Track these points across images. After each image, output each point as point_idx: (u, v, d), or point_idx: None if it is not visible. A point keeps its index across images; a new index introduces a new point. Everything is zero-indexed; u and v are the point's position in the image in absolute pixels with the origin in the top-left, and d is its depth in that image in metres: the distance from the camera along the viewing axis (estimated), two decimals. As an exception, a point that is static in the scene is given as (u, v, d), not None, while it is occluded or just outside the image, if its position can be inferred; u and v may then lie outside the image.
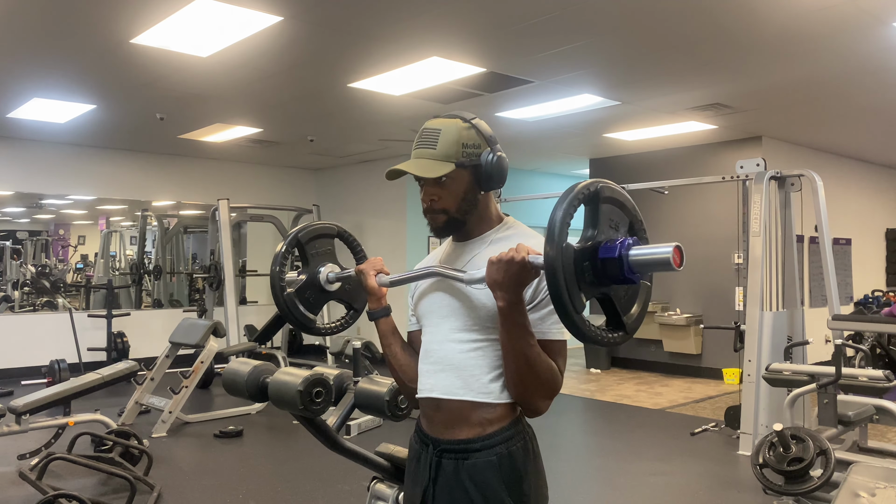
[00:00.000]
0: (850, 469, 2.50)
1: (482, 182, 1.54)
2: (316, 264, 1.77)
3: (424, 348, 1.61)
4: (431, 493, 1.55)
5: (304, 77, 5.50)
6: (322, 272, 1.77)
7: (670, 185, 6.21)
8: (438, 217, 1.55)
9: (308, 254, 1.76)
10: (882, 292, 9.51)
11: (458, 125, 1.52)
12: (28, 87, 5.81)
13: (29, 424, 4.42)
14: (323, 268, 1.77)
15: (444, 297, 1.57)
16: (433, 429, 1.57)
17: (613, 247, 1.25)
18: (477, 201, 1.56)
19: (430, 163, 1.50)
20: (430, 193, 1.54)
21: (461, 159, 1.50)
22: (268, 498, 4.12)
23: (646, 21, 4.32)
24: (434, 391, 1.55)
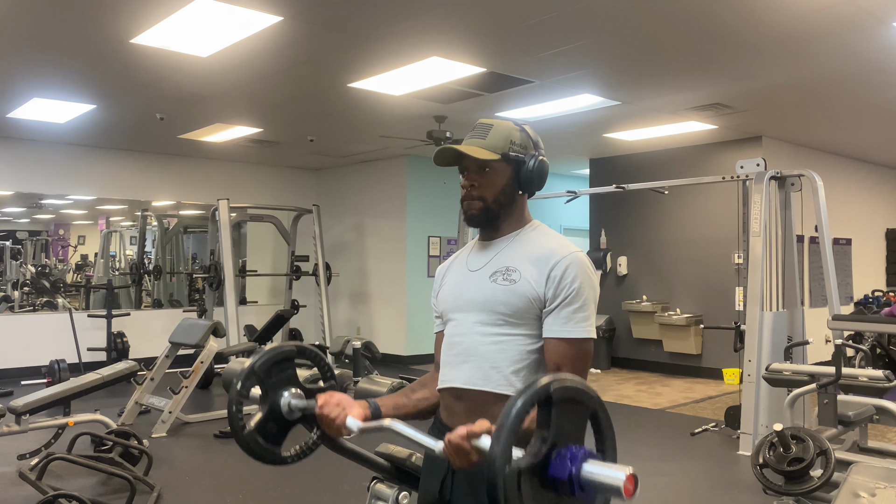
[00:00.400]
0: (850, 469, 2.50)
1: (522, 182, 1.59)
2: (276, 392, 1.60)
3: (448, 340, 1.63)
4: (450, 484, 1.56)
5: (304, 77, 5.50)
6: (283, 402, 1.60)
7: (670, 185, 6.21)
8: (475, 203, 1.58)
9: (267, 384, 1.60)
10: (882, 292, 9.51)
11: (509, 125, 1.60)
12: (28, 87, 5.81)
13: (29, 424, 4.41)
14: (284, 398, 1.60)
15: (468, 291, 1.60)
16: (453, 420, 1.58)
17: (564, 464, 1.12)
18: (514, 200, 1.60)
19: (478, 149, 1.56)
20: (471, 179, 1.58)
21: (507, 153, 1.56)
22: (268, 498, 4.12)
23: (646, 21, 4.33)
24: (456, 381, 1.57)
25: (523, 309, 1.51)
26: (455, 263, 1.71)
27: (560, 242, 1.56)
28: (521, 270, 1.52)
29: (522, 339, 1.52)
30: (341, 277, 9.85)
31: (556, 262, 1.50)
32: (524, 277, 1.51)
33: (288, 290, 9.22)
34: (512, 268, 1.54)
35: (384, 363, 8.45)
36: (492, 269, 1.57)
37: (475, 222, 1.61)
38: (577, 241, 11.63)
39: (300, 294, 9.42)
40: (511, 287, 1.51)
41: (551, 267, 1.50)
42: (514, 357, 1.52)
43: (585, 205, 9.76)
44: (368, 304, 9.81)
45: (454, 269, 1.70)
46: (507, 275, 1.53)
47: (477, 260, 1.63)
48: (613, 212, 9.17)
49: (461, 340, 1.58)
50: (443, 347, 1.65)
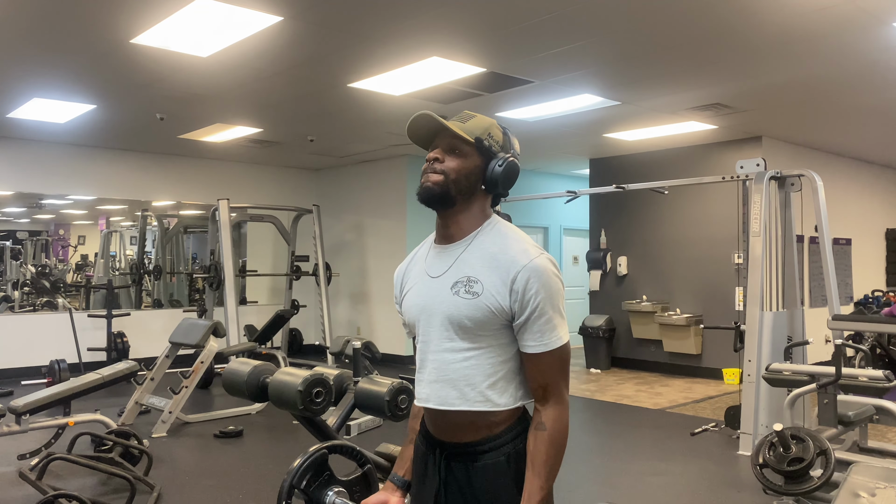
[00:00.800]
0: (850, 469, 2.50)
1: (488, 178, 1.54)
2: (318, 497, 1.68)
3: (419, 357, 1.60)
4: (443, 497, 1.55)
5: (304, 77, 5.50)
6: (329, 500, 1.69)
7: (670, 185, 6.21)
8: (434, 176, 1.51)
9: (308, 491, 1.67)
10: (882, 292, 9.51)
11: (493, 121, 1.58)
12: (28, 87, 5.81)
13: (29, 424, 4.41)
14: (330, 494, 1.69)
15: (431, 303, 1.55)
16: (439, 431, 1.57)
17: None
18: (475, 192, 1.54)
19: (455, 125, 1.53)
20: (438, 153, 1.54)
21: (481, 143, 1.53)
22: (268, 498, 4.12)
23: (646, 21, 4.33)
24: (430, 402, 1.55)
25: (488, 322, 1.47)
26: (413, 267, 1.65)
27: (519, 246, 1.49)
28: (482, 281, 1.47)
29: (492, 351, 1.50)
30: (341, 277, 9.85)
31: (517, 273, 1.45)
32: (486, 290, 1.46)
33: (288, 290, 9.22)
34: (473, 278, 1.49)
35: (384, 363, 8.45)
36: (453, 279, 1.51)
37: (429, 195, 1.52)
38: (577, 241, 11.69)
39: (300, 294, 9.42)
40: (474, 301, 1.47)
41: (513, 279, 1.45)
42: (486, 371, 1.49)
43: (585, 205, 9.76)
44: (368, 304, 9.81)
45: (414, 274, 1.64)
46: (469, 286, 1.48)
47: (436, 265, 1.57)
48: (613, 212, 9.17)
49: (431, 358, 1.55)
50: (416, 362, 1.62)
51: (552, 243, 11.13)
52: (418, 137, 1.58)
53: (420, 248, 1.68)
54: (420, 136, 1.58)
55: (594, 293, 9.45)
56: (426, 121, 1.53)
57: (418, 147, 1.63)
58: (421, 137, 1.58)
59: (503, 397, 1.50)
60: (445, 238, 1.58)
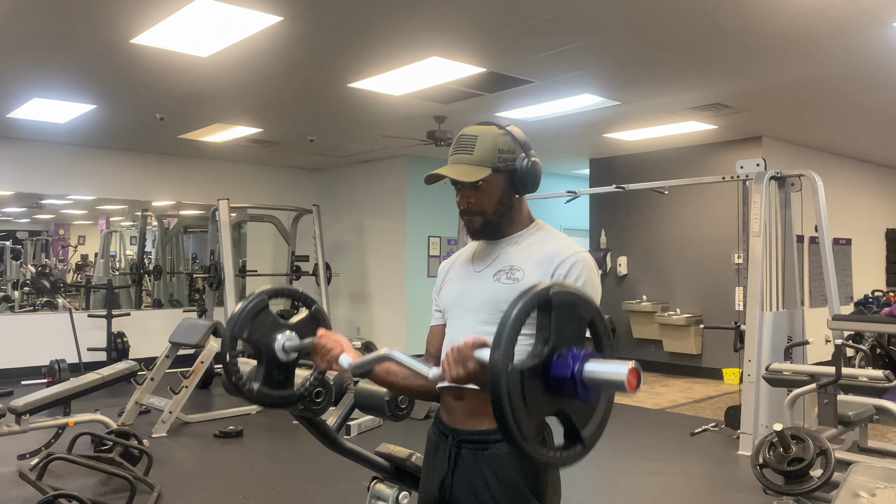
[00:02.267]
0: (850, 469, 2.50)
1: (517, 186, 1.59)
2: (266, 342, 1.59)
3: (450, 339, 1.63)
4: (450, 483, 1.56)
5: (304, 77, 5.50)
6: (276, 346, 1.60)
7: (670, 185, 6.20)
8: (475, 219, 1.58)
9: (253, 338, 1.59)
10: (882, 292, 9.51)
11: (493, 132, 1.58)
12: (28, 87, 5.81)
13: (29, 424, 4.41)
14: (276, 342, 1.60)
15: (470, 289, 1.60)
16: (453, 419, 1.58)
17: (566, 363, 1.14)
18: (512, 204, 1.60)
19: (467, 168, 1.54)
20: (466, 196, 1.58)
21: (497, 164, 1.55)
22: (268, 498, 4.12)
23: (646, 21, 4.33)
24: None
25: None
26: (458, 261, 1.71)
27: (565, 242, 1.57)
28: (524, 269, 1.53)
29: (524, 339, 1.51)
30: (341, 277, 9.85)
31: (562, 260, 1.51)
32: (527, 277, 1.51)
33: (288, 290, 9.20)
34: (516, 267, 1.54)
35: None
36: (496, 269, 1.57)
37: (478, 236, 1.62)
38: (577, 241, 11.62)
39: (300, 294, 9.40)
40: (514, 286, 1.51)
41: (556, 266, 1.50)
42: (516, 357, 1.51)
43: (585, 205, 9.76)
44: (368, 304, 9.81)
45: (457, 267, 1.70)
46: (511, 273, 1.53)
47: (481, 259, 1.63)
48: (613, 212, 9.17)
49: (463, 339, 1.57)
50: (444, 345, 1.64)
51: (552, 243, 11.11)
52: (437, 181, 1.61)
53: (467, 247, 1.74)
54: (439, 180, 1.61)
55: (594, 293, 9.43)
56: (440, 177, 1.56)
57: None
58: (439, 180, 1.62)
59: None
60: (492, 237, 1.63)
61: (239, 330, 1.59)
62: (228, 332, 1.59)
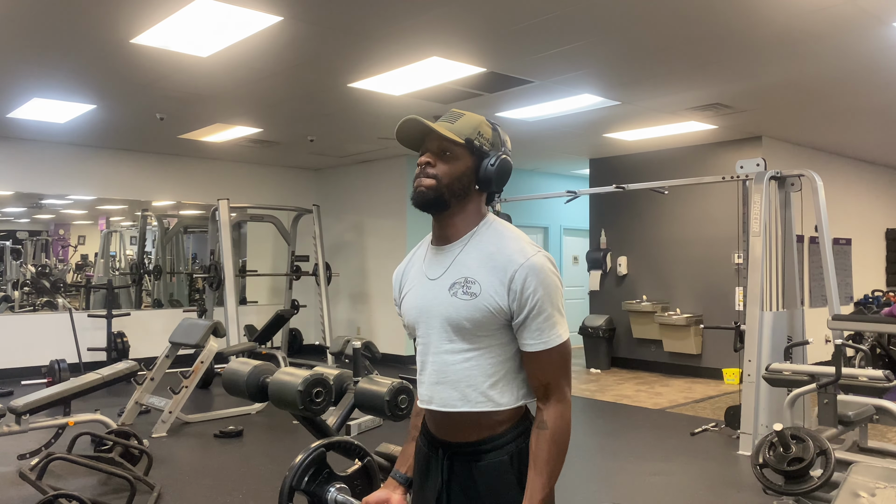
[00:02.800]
0: (850, 469, 2.50)
1: (481, 177, 1.53)
2: (320, 494, 1.68)
3: (419, 358, 1.60)
4: (445, 498, 1.55)
5: (304, 77, 5.50)
6: (330, 496, 1.68)
7: (670, 185, 6.20)
8: (427, 181, 1.50)
9: (309, 489, 1.67)
10: (882, 292, 9.51)
11: (481, 119, 1.56)
12: (28, 87, 5.81)
13: (29, 424, 4.41)
14: (330, 494, 1.68)
15: (430, 304, 1.55)
16: (441, 432, 1.57)
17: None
18: (469, 192, 1.53)
19: (442, 126, 1.52)
20: (429, 157, 1.52)
21: (472, 143, 1.52)
22: (268, 498, 4.12)
23: (646, 21, 4.33)
24: (432, 404, 1.55)
25: (487, 322, 1.47)
26: (412, 268, 1.65)
27: (515, 246, 1.48)
28: (479, 282, 1.47)
29: (493, 352, 1.49)
30: (341, 277, 9.85)
31: (514, 272, 1.44)
32: (484, 290, 1.46)
33: (288, 290, 9.22)
34: (471, 279, 1.48)
35: (384, 363, 8.45)
36: (450, 279, 1.51)
37: (423, 200, 1.52)
38: (577, 241, 11.68)
39: (300, 294, 9.41)
40: (472, 301, 1.46)
41: (510, 279, 1.45)
42: (487, 371, 1.49)
43: (585, 205, 9.76)
44: (368, 304, 9.81)
45: (412, 276, 1.63)
46: (467, 287, 1.48)
47: (434, 267, 1.56)
48: (613, 212, 9.17)
49: (432, 360, 1.55)
50: (416, 364, 1.62)
51: (552, 243, 11.13)
52: (408, 141, 1.57)
53: (418, 248, 1.68)
54: (410, 140, 1.56)
55: (594, 293, 9.45)
56: (414, 125, 1.52)
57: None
58: (411, 140, 1.57)
59: (505, 397, 1.50)
60: (442, 239, 1.57)
61: (297, 482, 1.64)
62: (287, 483, 1.66)
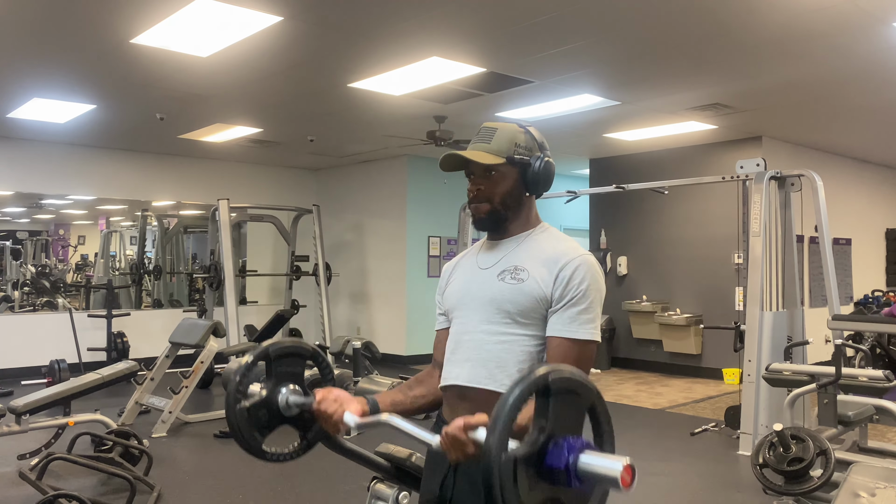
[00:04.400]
0: (850, 469, 2.50)
1: (528, 184, 1.60)
2: (279, 383, 1.60)
3: (453, 339, 1.63)
4: (451, 482, 1.57)
5: (304, 77, 5.50)
6: (283, 393, 1.60)
7: (670, 185, 6.20)
8: (482, 206, 1.59)
9: (274, 370, 1.61)
10: (882, 292, 9.51)
11: (514, 128, 1.61)
12: (28, 87, 5.81)
13: (29, 424, 4.41)
14: (283, 392, 1.60)
15: (475, 289, 1.60)
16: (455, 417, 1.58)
17: (561, 454, 1.11)
18: (521, 201, 1.61)
19: (483, 154, 1.57)
20: (477, 183, 1.60)
21: (512, 156, 1.57)
22: (268, 498, 4.12)
23: (646, 21, 4.33)
24: (459, 379, 1.57)
25: (530, 308, 1.52)
26: (463, 261, 1.72)
27: (570, 245, 1.58)
28: (529, 270, 1.54)
29: (528, 340, 1.53)
30: (341, 277, 9.85)
31: (566, 263, 1.52)
32: (532, 277, 1.52)
33: (288, 290, 9.21)
34: (521, 267, 1.55)
35: (384, 363, 8.45)
36: (501, 268, 1.58)
37: (483, 225, 1.62)
38: (577, 241, 11.65)
39: (300, 294, 9.41)
40: (518, 286, 1.52)
41: (560, 268, 1.51)
42: (519, 357, 1.52)
43: (585, 205, 9.76)
44: (368, 304, 9.81)
45: (463, 267, 1.70)
46: (516, 274, 1.54)
47: (486, 259, 1.63)
48: (613, 212, 9.17)
49: (467, 339, 1.58)
50: (447, 345, 1.65)
51: (552, 243, 11.11)
52: (451, 168, 1.63)
53: (471, 248, 1.74)
54: (453, 167, 1.63)
55: (594, 293, 9.43)
56: (455, 158, 1.59)
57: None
58: (454, 167, 1.63)
59: None
60: (497, 236, 1.65)
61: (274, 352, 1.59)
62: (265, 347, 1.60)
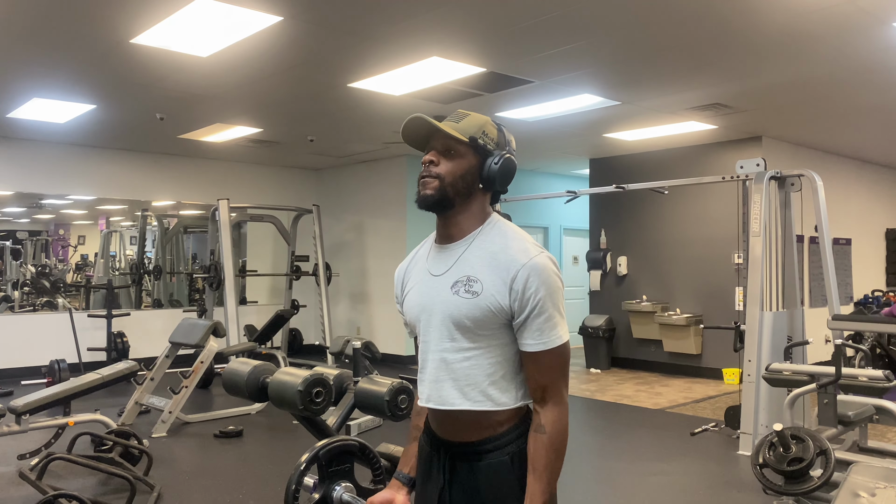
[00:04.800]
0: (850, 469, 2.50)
1: (484, 176, 1.54)
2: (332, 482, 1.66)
3: (420, 356, 1.60)
4: (447, 497, 1.55)
5: (304, 77, 5.50)
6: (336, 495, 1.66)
7: (670, 185, 6.20)
8: (431, 181, 1.51)
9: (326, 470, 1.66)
10: (882, 292, 9.51)
11: (487, 119, 1.58)
12: (28, 87, 5.81)
13: (29, 424, 4.41)
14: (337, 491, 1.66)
15: (430, 303, 1.55)
16: (443, 430, 1.57)
17: None
18: (473, 192, 1.54)
19: (448, 125, 1.53)
20: (433, 157, 1.54)
21: (476, 142, 1.53)
22: (268, 498, 4.12)
23: (646, 21, 4.33)
24: (431, 401, 1.55)
25: (488, 321, 1.47)
26: (415, 265, 1.65)
27: (519, 245, 1.49)
28: (482, 280, 1.47)
29: (493, 351, 1.50)
30: (341, 277, 9.85)
31: (517, 272, 1.45)
32: (486, 289, 1.47)
33: (288, 290, 9.22)
34: (473, 277, 1.49)
35: (384, 363, 8.45)
36: (453, 278, 1.51)
37: (427, 202, 1.52)
38: (577, 241, 11.69)
39: (300, 294, 9.42)
40: (474, 300, 1.47)
41: (512, 279, 1.45)
42: (487, 370, 1.49)
43: (585, 205, 9.76)
44: (368, 304, 9.81)
45: (415, 273, 1.64)
46: (469, 286, 1.48)
47: (437, 264, 1.57)
48: (613, 212, 9.17)
49: (432, 358, 1.55)
50: (418, 362, 1.62)
51: (552, 243, 11.13)
52: (413, 140, 1.57)
53: (421, 247, 1.68)
54: (415, 139, 1.57)
55: (594, 293, 9.45)
56: (420, 123, 1.53)
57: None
58: (416, 140, 1.57)
59: (505, 396, 1.50)
60: (446, 238, 1.58)
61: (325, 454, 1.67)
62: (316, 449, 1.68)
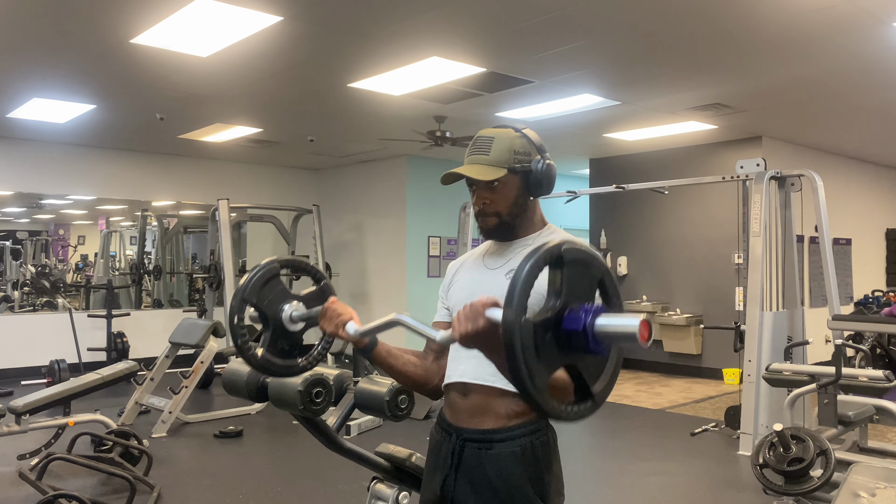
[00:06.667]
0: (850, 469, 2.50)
1: (531, 188, 1.61)
2: (273, 310, 1.64)
3: None
4: (452, 482, 1.57)
5: (304, 77, 5.50)
6: (284, 315, 1.64)
7: (670, 185, 6.21)
8: (489, 220, 1.61)
9: (261, 305, 1.63)
10: (882, 292, 9.50)
11: (510, 134, 1.60)
12: (28, 87, 5.81)
13: (29, 424, 4.41)
14: (284, 311, 1.64)
15: (483, 287, 1.59)
16: (457, 417, 1.59)
17: (577, 317, 1.14)
18: (526, 206, 1.62)
19: (483, 168, 1.57)
20: (482, 197, 1.60)
21: (513, 165, 1.58)
22: (268, 498, 4.12)
23: (646, 21, 4.33)
24: (465, 376, 1.57)
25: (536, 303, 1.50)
26: (470, 261, 1.73)
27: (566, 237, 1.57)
28: None
29: None
30: (341, 277, 9.85)
31: None
32: (540, 276, 1.51)
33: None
34: None
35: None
36: (508, 268, 1.58)
37: (491, 235, 1.64)
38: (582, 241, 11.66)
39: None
40: None
41: None
42: None
43: (585, 205, 9.76)
44: (368, 304, 9.80)
45: (469, 266, 1.71)
46: None
47: (494, 259, 1.65)
48: (613, 212, 9.17)
49: None
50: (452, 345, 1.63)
51: (552, 243, 11.11)
52: (453, 182, 1.63)
53: (477, 249, 1.75)
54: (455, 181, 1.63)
55: (594, 293, 9.44)
56: (457, 176, 1.59)
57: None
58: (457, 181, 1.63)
59: None
60: (506, 239, 1.66)
61: (249, 295, 1.63)
62: (238, 296, 1.63)
